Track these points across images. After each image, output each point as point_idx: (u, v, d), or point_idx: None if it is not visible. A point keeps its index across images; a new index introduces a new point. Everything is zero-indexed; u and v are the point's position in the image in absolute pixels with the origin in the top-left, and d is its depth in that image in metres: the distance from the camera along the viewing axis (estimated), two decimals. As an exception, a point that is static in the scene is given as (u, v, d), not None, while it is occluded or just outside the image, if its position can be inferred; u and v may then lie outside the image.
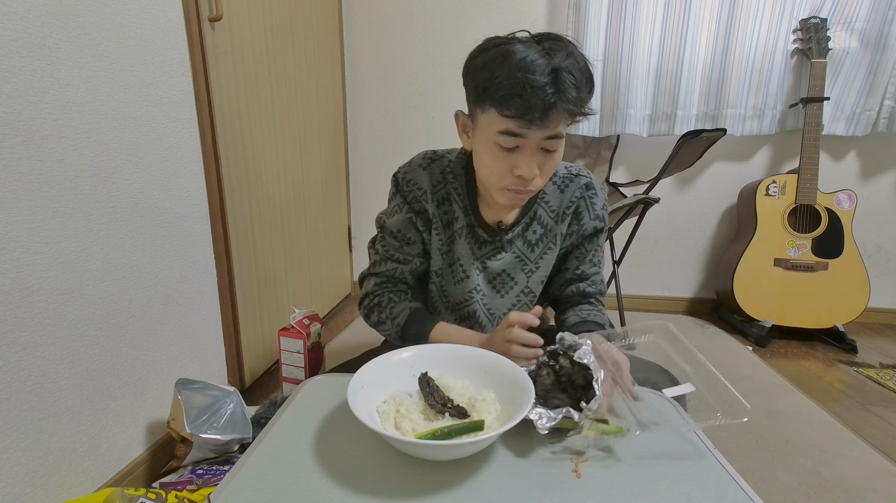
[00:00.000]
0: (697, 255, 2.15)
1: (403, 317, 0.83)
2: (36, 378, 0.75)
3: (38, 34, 0.73)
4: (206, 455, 0.95)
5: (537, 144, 0.67)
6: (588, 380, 0.56)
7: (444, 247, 0.87)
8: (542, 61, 0.61)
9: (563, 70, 0.61)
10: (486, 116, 0.68)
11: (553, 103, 0.61)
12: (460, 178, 0.83)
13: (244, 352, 1.32)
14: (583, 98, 0.64)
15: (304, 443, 0.55)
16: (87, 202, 0.83)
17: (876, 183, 2.00)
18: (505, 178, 0.70)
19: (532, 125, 0.64)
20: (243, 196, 1.29)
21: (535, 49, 0.62)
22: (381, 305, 0.87)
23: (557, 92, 0.61)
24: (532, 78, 0.60)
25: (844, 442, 1.19)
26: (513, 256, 0.86)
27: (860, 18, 1.79)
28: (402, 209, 0.84)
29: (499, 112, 0.64)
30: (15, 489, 0.73)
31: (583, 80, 0.64)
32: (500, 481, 0.49)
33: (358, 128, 2.16)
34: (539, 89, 0.60)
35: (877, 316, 2.07)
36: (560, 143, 0.69)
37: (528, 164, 0.67)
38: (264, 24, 1.36)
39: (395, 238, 0.86)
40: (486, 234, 0.84)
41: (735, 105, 1.91)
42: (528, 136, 0.65)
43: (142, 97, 0.94)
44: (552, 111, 0.62)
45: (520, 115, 0.63)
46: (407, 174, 0.84)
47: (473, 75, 0.68)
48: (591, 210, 0.85)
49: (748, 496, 0.48)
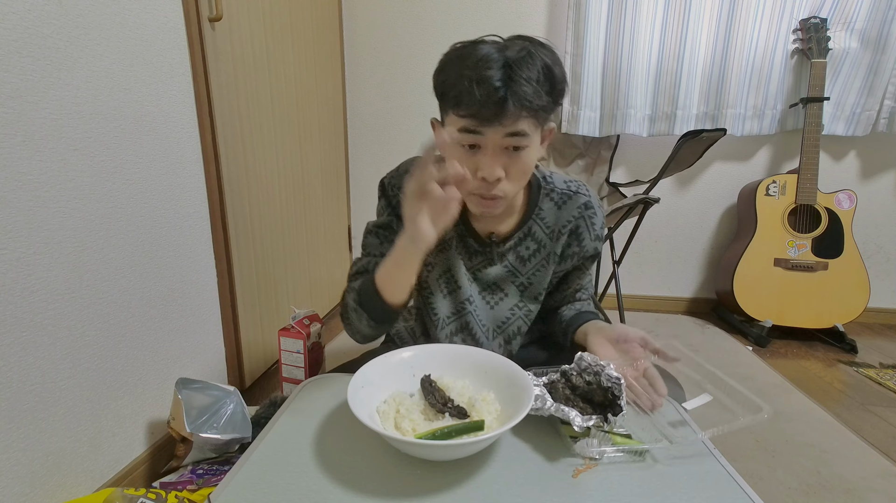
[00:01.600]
0: (697, 255, 2.15)
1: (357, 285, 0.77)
2: (36, 378, 0.75)
3: (38, 34, 0.73)
4: (205, 455, 0.95)
5: (499, 144, 0.64)
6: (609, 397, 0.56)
7: (432, 257, 0.84)
8: (495, 55, 0.60)
9: (514, 63, 0.59)
10: (448, 119, 0.67)
11: (504, 97, 0.59)
12: None
13: (244, 352, 1.32)
14: (538, 93, 0.61)
15: (304, 443, 0.55)
16: (87, 202, 0.83)
17: (876, 183, 2.00)
18: (471, 183, 0.67)
19: (487, 122, 0.61)
20: (243, 196, 1.29)
21: (491, 47, 0.61)
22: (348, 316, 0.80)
23: (508, 86, 0.59)
24: (482, 73, 0.59)
25: (844, 442, 1.19)
26: (504, 269, 0.84)
27: (860, 18, 1.79)
28: (385, 212, 0.83)
29: (455, 112, 0.63)
30: (15, 489, 0.73)
31: (539, 75, 0.61)
32: (500, 481, 0.49)
33: (358, 128, 2.16)
34: (486, 83, 0.58)
35: (877, 316, 2.07)
36: (525, 142, 0.65)
37: (489, 164, 0.64)
38: (264, 24, 1.36)
39: (376, 236, 0.84)
40: (478, 244, 0.82)
41: (735, 105, 1.91)
42: (485, 133, 0.63)
43: (142, 97, 0.94)
44: (505, 106, 0.60)
45: (472, 112, 0.61)
46: (393, 179, 0.82)
47: (434, 79, 0.67)
48: (591, 230, 0.83)
49: (748, 496, 0.48)
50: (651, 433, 0.56)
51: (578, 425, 0.54)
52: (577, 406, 0.57)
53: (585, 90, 1.92)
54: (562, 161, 2.07)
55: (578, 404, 0.57)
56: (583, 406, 0.57)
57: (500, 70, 0.59)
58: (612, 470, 0.52)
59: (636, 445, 0.54)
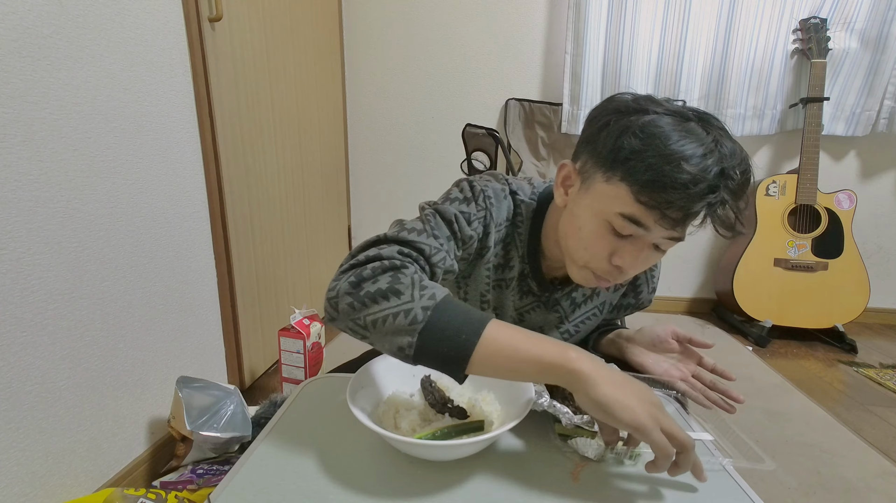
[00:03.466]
0: (697, 255, 2.15)
1: (440, 292, 0.51)
2: (36, 378, 0.75)
3: (38, 34, 0.73)
4: (205, 454, 0.95)
5: (654, 240, 0.57)
6: None
7: (489, 291, 0.74)
8: (710, 160, 0.50)
9: (728, 172, 0.51)
10: (609, 187, 0.55)
11: (699, 213, 0.52)
12: (526, 224, 0.71)
13: (244, 352, 1.32)
14: (739, 208, 0.54)
15: (304, 443, 0.55)
16: (87, 202, 0.83)
17: (876, 183, 2.00)
18: (599, 262, 0.59)
19: (668, 224, 0.53)
20: (243, 196, 1.29)
21: (697, 135, 0.51)
22: (400, 272, 0.52)
23: (720, 201, 0.52)
24: (694, 175, 0.50)
25: (844, 442, 1.19)
26: (554, 314, 0.77)
27: (860, 18, 1.79)
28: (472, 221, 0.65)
29: (633, 194, 0.53)
30: (15, 489, 0.73)
31: (744, 185, 0.53)
32: (500, 481, 0.49)
33: (358, 128, 2.16)
34: (698, 193, 0.50)
35: (877, 316, 2.07)
36: (674, 244, 0.59)
37: (634, 258, 0.57)
38: (264, 24, 1.36)
39: (450, 228, 0.63)
40: (538, 287, 0.74)
41: (735, 105, 1.91)
42: (652, 230, 0.55)
43: (142, 97, 0.94)
44: (692, 220, 0.53)
45: (661, 209, 0.52)
46: (486, 191, 0.67)
47: (614, 136, 0.55)
48: (650, 283, 0.81)
49: (748, 496, 0.48)
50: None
51: (567, 422, 0.54)
52: (573, 405, 0.57)
53: (585, 90, 1.92)
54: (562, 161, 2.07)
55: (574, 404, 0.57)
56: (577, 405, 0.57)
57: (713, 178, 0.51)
58: (613, 469, 0.52)
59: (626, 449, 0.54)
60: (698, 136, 0.51)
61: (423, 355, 0.48)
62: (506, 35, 2.01)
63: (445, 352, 0.47)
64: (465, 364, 0.47)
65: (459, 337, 0.47)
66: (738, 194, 0.53)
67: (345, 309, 0.52)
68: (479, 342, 0.47)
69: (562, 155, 2.06)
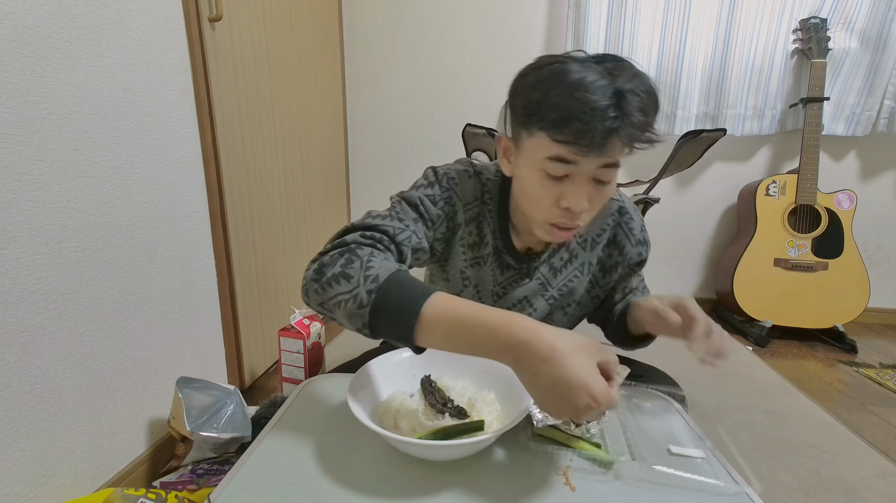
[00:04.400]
0: (697, 255, 2.15)
1: (384, 272, 0.53)
2: (36, 378, 0.75)
3: (38, 34, 0.73)
4: (205, 454, 0.95)
5: (590, 174, 0.60)
6: None
7: (468, 268, 0.78)
8: (604, 82, 0.55)
9: (627, 92, 0.55)
10: (533, 140, 0.61)
11: (615, 128, 0.55)
12: (495, 200, 0.76)
13: (244, 352, 1.32)
14: (649, 123, 0.58)
15: (304, 443, 0.55)
16: (87, 202, 0.83)
17: (876, 183, 2.00)
18: (550, 210, 0.63)
19: (588, 152, 0.57)
20: (243, 196, 1.29)
21: (594, 69, 0.56)
22: (353, 255, 0.56)
23: (621, 116, 0.55)
24: (592, 99, 0.54)
25: (844, 442, 1.19)
26: (536, 283, 0.79)
27: (860, 18, 1.79)
28: (437, 202, 0.72)
29: (550, 136, 0.58)
30: (15, 489, 0.73)
31: (650, 103, 0.57)
32: (500, 481, 0.49)
33: (358, 128, 2.16)
34: (600, 112, 0.54)
35: (877, 316, 2.07)
36: (615, 174, 0.62)
37: (577, 195, 0.60)
38: (264, 24, 1.36)
39: (416, 210, 0.70)
40: (514, 260, 0.77)
41: (735, 105, 1.91)
42: (581, 163, 0.58)
43: (142, 97, 0.94)
44: (613, 137, 0.55)
45: (575, 140, 0.56)
46: (450, 173, 0.74)
47: (523, 95, 0.60)
48: (630, 237, 0.79)
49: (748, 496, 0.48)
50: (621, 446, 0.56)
51: (538, 420, 0.54)
52: None
53: (585, 90, 1.92)
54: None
55: None
56: None
57: (612, 99, 0.54)
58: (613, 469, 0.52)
59: (601, 455, 0.54)
60: (594, 70, 0.56)
61: (379, 334, 0.52)
62: (506, 35, 2.01)
63: (394, 329, 0.51)
64: (412, 339, 0.50)
65: (402, 315, 0.50)
66: (644, 109, 0.56)
67: (312, 295, 0.57)
68: (421, 317, 0.49)
69: (562, 155, 2.05)
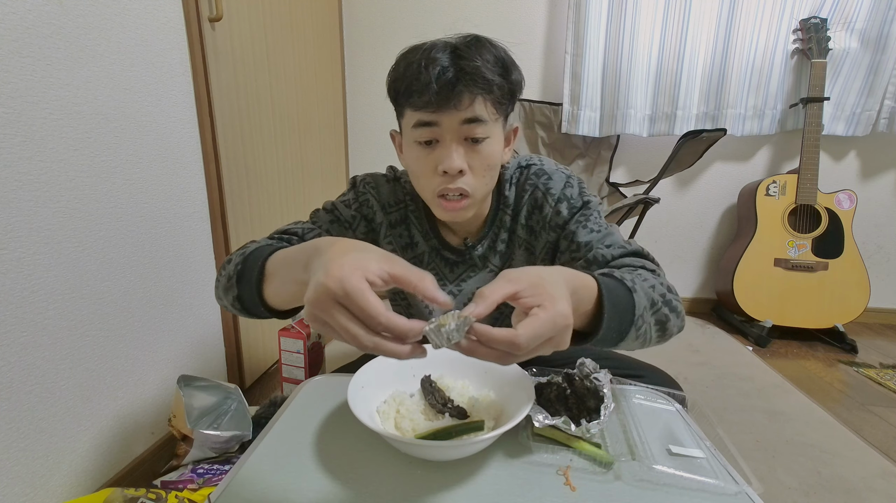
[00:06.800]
0: (697, 255, 2.15)
1: (255, 248, 0.59)
2: (36, 378, 0.75)
3: (38, 34, 0.73)
4: (206, 453, 0.95)
5: (457, 133, 0.61)
6: (598, 404, 0.56)
7: None
8: (441, 44, 0.59)
9: (462, 46, 0.59)
10: (402, 121, 0.65)
11: (454, 79, 0.57)
12: (417, 202, 0.76)
13: (244, 351, 1.32)
14: (489, 71, 0.59)
15: (304, 443, 0.55)
16: (87, 202, 0.83)
17: (876, 183, 2.00)
18: (432, 180, 0.63)
19: (438, 108, 0.59)
20: (243, 196, 1.29)
21: (439, 42, 0.60)
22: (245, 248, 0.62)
23: (457, 65, 0.58)
24: (430, 56, 0.58)
25: (844, 442, 1.19)
26: (487, 272, 0.77)
27: (860, 18, 1.79)
28: (352, 205, 0.74)
29: (409, 107, 0.61)
30: (15, 489, 0.73)
31: (488, 56, 0.59)
32: (500, 481, 0.49)
33: (358, 128, 2.16)
34: (434, 65, 0.57)
35: (877, 316, 2.07)
36: (485, 131, 0.61)
37: (448, 156, 0.61)
38: (264, 24, 1.36)
39: (331, 213, 0.74)
40: (454, 255, 0.76)
41: (735, 105, 1.91)
42: (441, 123, 0.60)
43: (142, 97, 0.94)
44: (457, 88, 0.58)
45: (424, 99, 0.58)
46: (367, 178, 0.76)
47: (387, 85, 0.65)
48: (549, 197, 0.71)
49: (748, 496, 0.48)
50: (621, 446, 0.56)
51: (538, 421, 0.54)
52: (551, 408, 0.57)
53: (585, 90, 1.92)
54: (562, 161, 2.06)
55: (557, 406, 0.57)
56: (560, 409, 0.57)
57: (448, 53, 0.59)
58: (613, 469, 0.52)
59: (601, 455, 0.54)
60: (438, 41, 0.60)
61: (245, 303, 0.56)
62: (506, 35, 2.01)
63: (248, 291, 0.54)
64: (262, 294, 0.53)
65: (252, 274, 0.53)
66: (485, 59, 0.59)
67: (216, 290, 0.62)
68: (264, 271, 0.52)
69: (561, 155, 2.05)
